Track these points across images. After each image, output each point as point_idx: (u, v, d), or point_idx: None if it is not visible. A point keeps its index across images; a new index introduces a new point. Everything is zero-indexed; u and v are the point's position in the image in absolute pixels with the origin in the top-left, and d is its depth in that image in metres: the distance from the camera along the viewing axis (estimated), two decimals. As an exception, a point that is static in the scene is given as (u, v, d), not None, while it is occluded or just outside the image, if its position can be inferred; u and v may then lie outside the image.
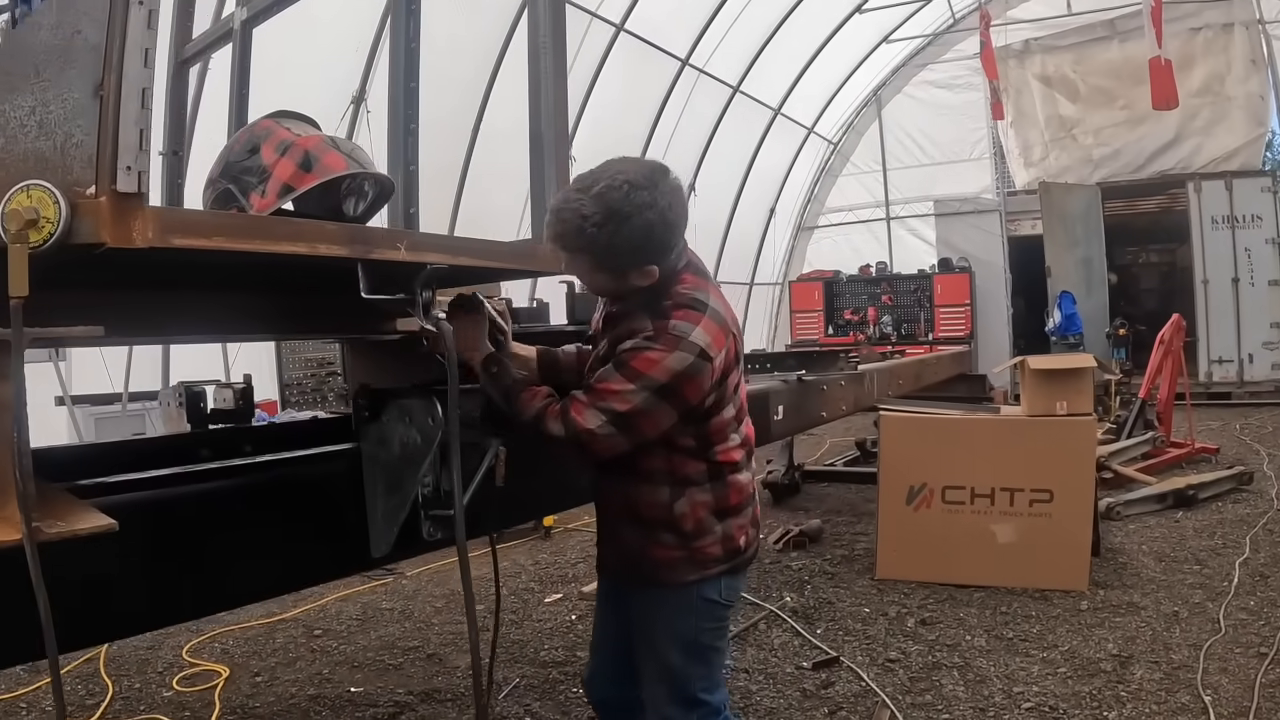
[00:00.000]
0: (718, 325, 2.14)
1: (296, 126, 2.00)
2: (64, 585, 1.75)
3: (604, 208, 2.00)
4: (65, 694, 4.21)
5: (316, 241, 1.59)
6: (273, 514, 2.29)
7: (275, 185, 1.86)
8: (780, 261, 18.57)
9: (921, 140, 17.15)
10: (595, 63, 11.56)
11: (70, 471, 2.31)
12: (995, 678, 4.05)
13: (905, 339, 16.49)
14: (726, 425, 2.27)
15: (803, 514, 7.49)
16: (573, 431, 2.08)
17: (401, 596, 5.83)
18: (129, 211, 1.38)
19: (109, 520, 1.51)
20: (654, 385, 2.05)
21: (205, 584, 2.13)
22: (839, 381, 6.36)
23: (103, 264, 1.61)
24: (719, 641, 2.43)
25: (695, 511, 2.26)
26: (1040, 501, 5.22)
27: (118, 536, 1.63)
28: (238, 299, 2.19)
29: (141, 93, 1.39)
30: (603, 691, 2.69)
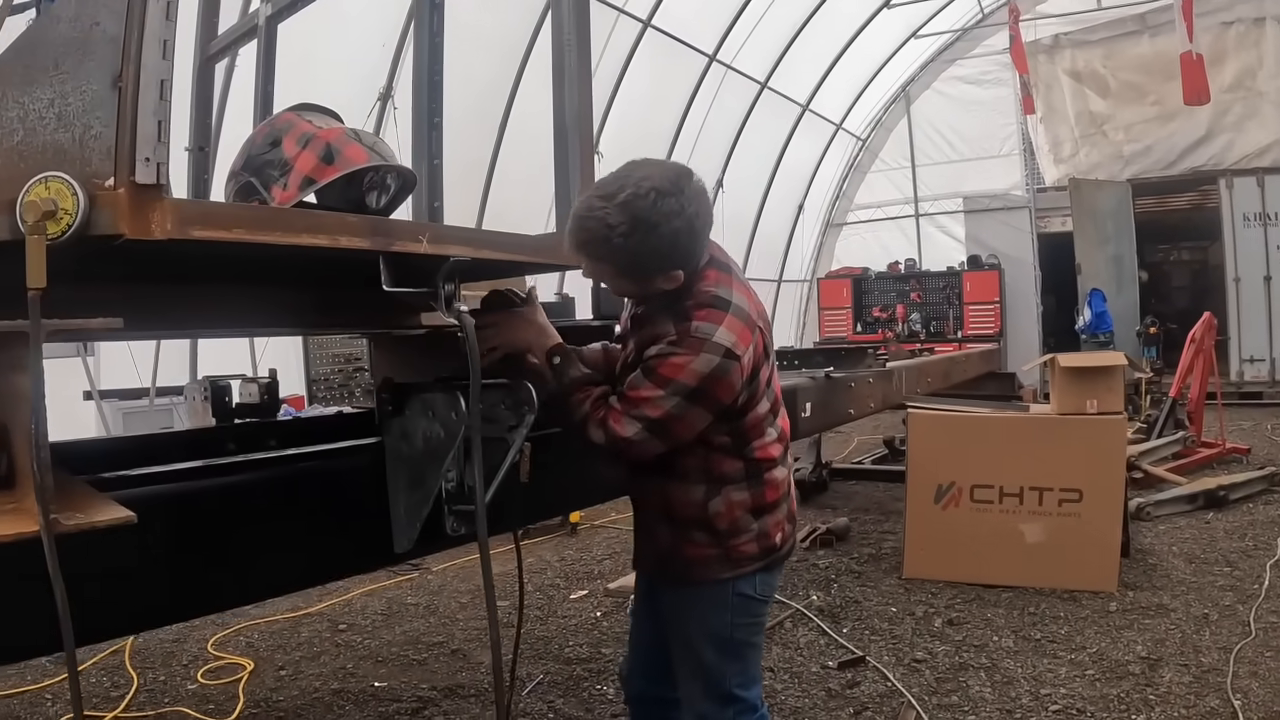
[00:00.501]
0: (742, 322, 2.11)
1: (318, 119, 1.99)
2: (85, 578, 1.77)
3: (630, 217, 1.97)
4: (90, 686, 4.30)
5: (337, 234, 1.57)
6: (295, 508, 2.27)
7: (297, 178, 1.85)
8: (808, 258, 18.50)
9: (950, 136, 17.01)
10: (622, 59, 11.55)
11: (94, 465, 2.32)
12: (1022, 679, 4.00)
13: (934, 336, 16.40)
14: (762, 420, 2.25)
15: (830, 512, 7.45)
16: (611, 439, 2.09)
17: (427, 592, 5.84)
18: (147, 203, 1.37)
19: (127, 513, 1.49)
20: (684, 390, 2.04)
21: (226, 578, 2.12)
22: (867, 379, 6.31)
23: (124, 257, 1.61)
24: (754, 637, 2.41)
25: (731, 511, 2.24)
26: (1069, 501, 5.15)
27: (138, 529, 1.62)
28: (260, 292, 2.18)
29: (160, 84, 1.38)
30: (639, 687, 2.67)
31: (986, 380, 10.91)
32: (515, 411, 2.23)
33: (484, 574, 1.97)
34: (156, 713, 4.06)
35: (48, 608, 1.48)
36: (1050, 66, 15.28)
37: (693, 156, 13.78)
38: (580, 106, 2.17)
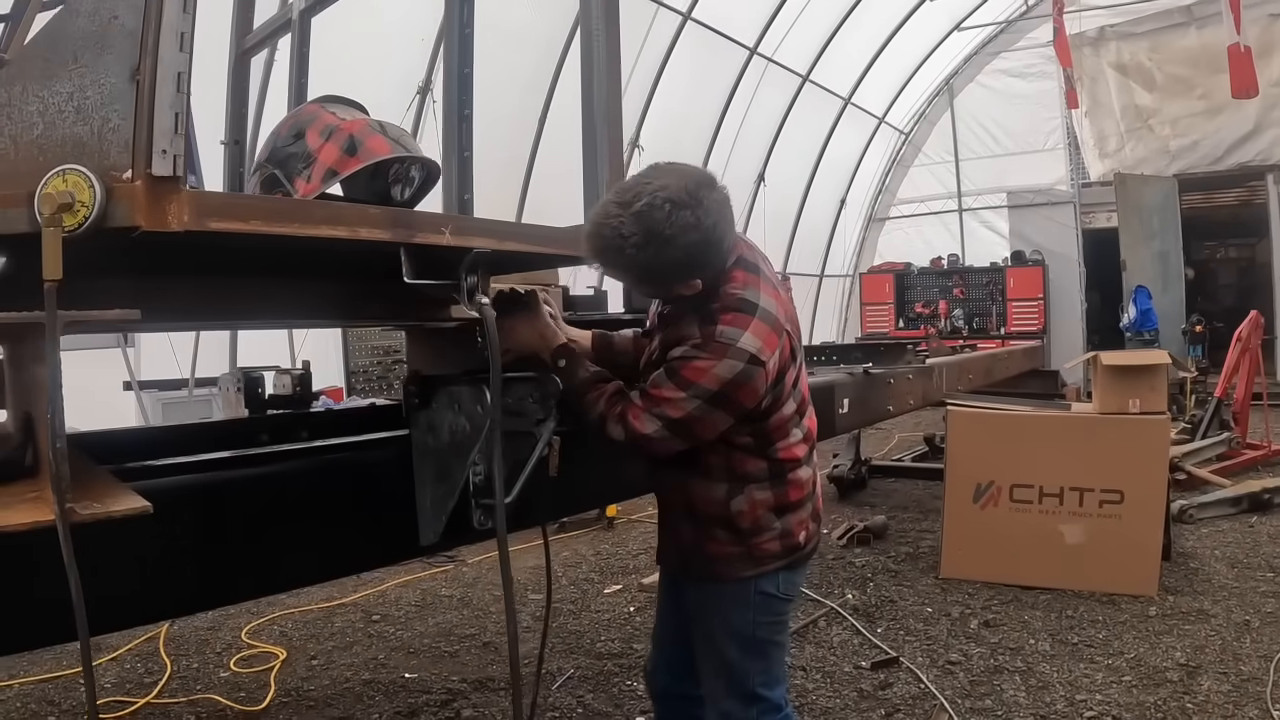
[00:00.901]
0: (768, 326, 2.07)
1: (342, 111, 1.99)
2: (109, 565, 1.79)
3: (644, 229, 1.93)
4: (124, 672, 4.36)
5: (357, 225, 1.57)
6: (321, 500, 2.28)
7: (320, 170, 1.85)
8: (851, 253, 18.35)
9: (994, 130, 16.76)
10: (662, 52, 11.50)
11: (123, 455, 2.34)
12: (1058, 684, 3.92)
13: (977, 333, 16.20)
14: (787, 421, 2.22)
15: (868, 510, 7.39)
16: (631, 436, 2.08)
17: (461, 584, 5.86)
18: (164, 195, 1.38)
19: (144, 503, 1.51)
20: (705, 394, 2.02)
21: (250, 568, 2.13)
22: (906, 375, 6.23)
23: (153, 250, 1.62)
24: (778, 636, 2.38)
25: (754, 510, 2.22)
26: (1110, 502, 5.04)
27: (163, 519, 1.65)
28: (291, 285, 2.17)
29: (177, 77, 1.38)
30: (663, 683, 2.66)
31: (1029, 378, 10.77)
32: (543, 405, 2.22)
33: (502, 569, 1.97)
34: (188, 699, 4.11)
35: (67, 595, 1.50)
36: (1095, 59, 14.98)
37: (733, 150, 13.72)
38: (609, 98, 2.15)
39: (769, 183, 14.77)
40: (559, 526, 7.13)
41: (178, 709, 4.02)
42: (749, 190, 14.70)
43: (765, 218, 14.71)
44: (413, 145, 2.01)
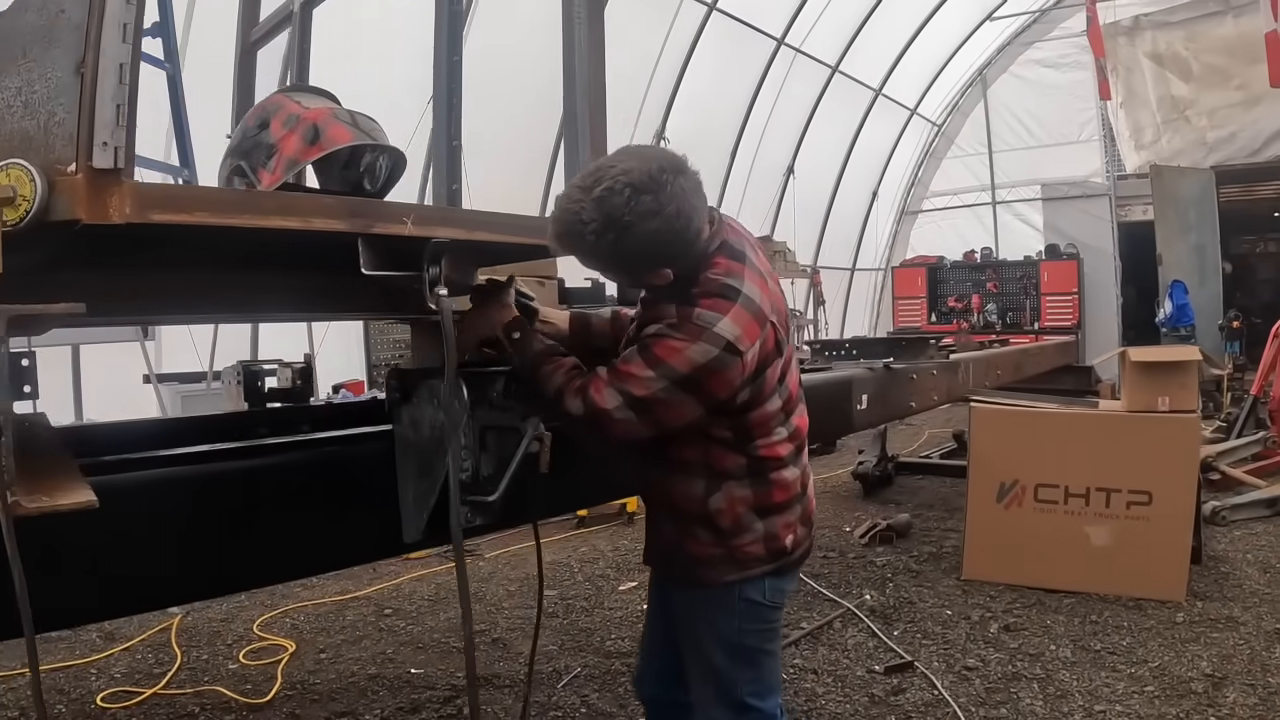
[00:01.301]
0: (750, 315, 1.97)
1: (307, 100, 1.94)
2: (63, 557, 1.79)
3: (603, 215, 1.85)
4: (135, 662, 4.36)
5: (310, 216, 1.51)
6: (306, 494, 2.23)
7: (281, 160, 1.81)
8: (883, 246, 18.19)
9: (1028, 121, 16.53)
10: (688, 43, 11.41)
11: (117, 448, 2.32)
12: (1077, 693, 3.79)
13: (1010, 328, 15.98)
14: (770, 419, 2.12)
15: (893, 507, 7.30)
16: (590, 410, 1.97)
17: (476, 578, 5.82)
18: (105, 188, 1.36)
19: (90, 496, 1.48)
20: (675, 375, 1.92)
21: (228, 561, 2.09)
22: (930, 371, 6.08)
23: (132, 244, 1.60)
24: (767, 644, 2.29)
25: (733, 508, 2.12)
26: (1138, 504, 4.90)
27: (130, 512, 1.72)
28: (272, 278, 2.12)
29: (119, 68, 1.36)
30: (651, 690, 2.59)
31: (1063, 374, 10.55)
32: (527, 399, 2.16)
33: (459, 574, 1.89)
34: (195, 690, 4.10)
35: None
36: (1130, 49, 14.66)
37: (762, 142, 13.61)
38: (592, 83, 2.08)
39: (798, 175, 14.66)
40: (578, 521, 7.09)
41: (183, 700, 4.01)
42: (778, 182, 14.60)
43: (795, 210, 14.61)
44: (378, 134, 1.95)
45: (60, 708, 3.94)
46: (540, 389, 2.06)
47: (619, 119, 10.41)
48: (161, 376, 7.08)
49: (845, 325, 16.93)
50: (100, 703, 3.97)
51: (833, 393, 4.82)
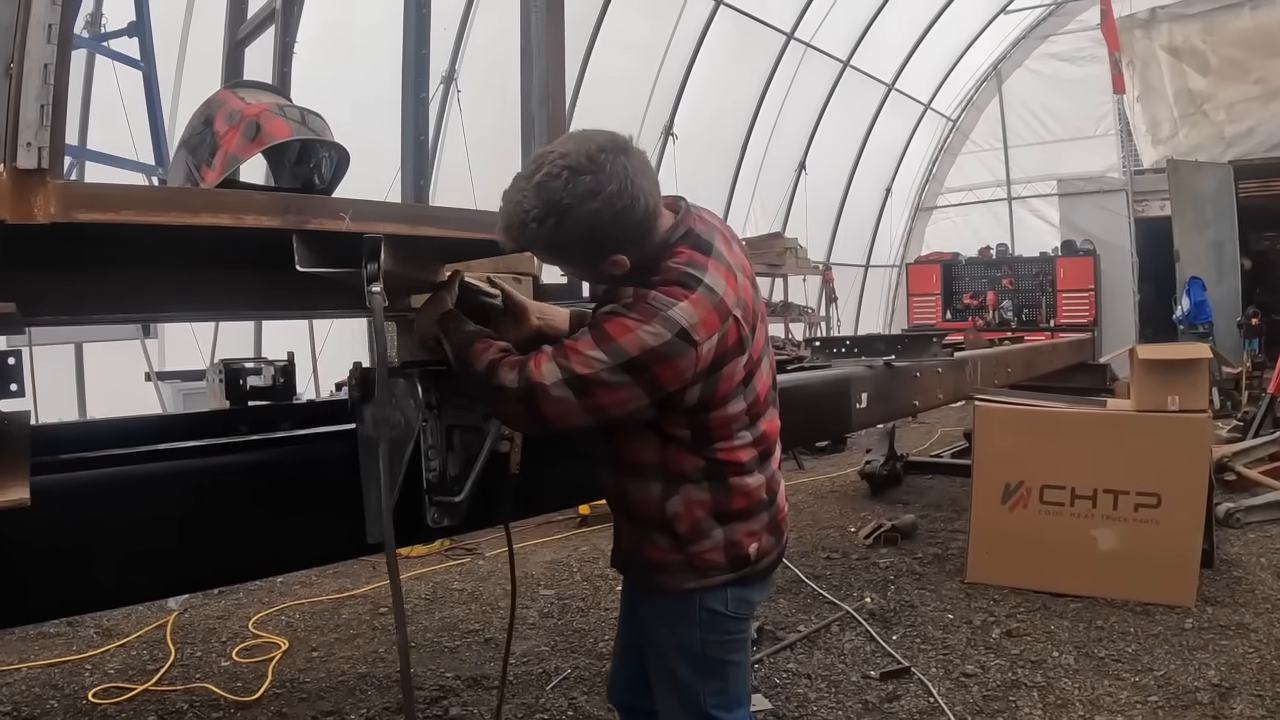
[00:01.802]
0: (710, 306, 1.88)
1: (250, 95, 1.90)
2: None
3: (543, 201, 1.78)
4: (130, 658, 4.37)
5: (241, 213, 1.48)
6: (263, 493, 2.18)
7: (222, 157, 1.76)
8: (897, 243, 18.08)
9: (1044, 116, 16.36)
10: (695, 38, 11.33)
11: (91, 447, 2.30)
12: (1077, 702, 3.70)
13: (1026, 325, 15.84)
14: (732, 421, 2.02)
15: (900, 507, 7.22)
16: (525, 381, 1.85)
17: (475, 578, 5.80)
18: (29, 188, 1.36)
19: (20, 495, 1.49)
20: (621, 356, 1.82)
21: (183, 560, 2.05)
22: (934, 369, 5.98)
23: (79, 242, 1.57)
24: (732, 655, 2.20)
25: (690, 511, 2.04)
26: (1146, 506, 4.80)
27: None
28: (230, 276, 2.08)
29: (44, 69, 1.36)
30: (622, 697, 2.54)
31: (1077, 372, 10.40)
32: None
33: (391, 579, 1.84)
34: (185, 688, 4.09)
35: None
36: (1147, 42, 14.46)
37: (772, 138, 13.53)
38: (550, 80, 2.01)
39: (810, 171, 14.57)
40: (580, 520, 7.04)
41: (173, 697, 4.00)
42: (790, 179, 14.52)
43: (807, 206, 14.54)
44: (320, 128, 1.90)
45: (52, 703, 3.95)
46: (471, 370, 1.95)
47: (624, 117, 10.38)
48: (162, 374, 7.08)
49: (859, 323, 16.84)
50: (92, 698, 3.97)
51: (830, 391, 4.75)
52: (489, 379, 1.90)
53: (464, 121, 8.72)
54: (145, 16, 6.57)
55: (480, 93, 8.68)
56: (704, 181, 12.40)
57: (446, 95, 8.73)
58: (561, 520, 7.01)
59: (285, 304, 2.25)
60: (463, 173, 8.23)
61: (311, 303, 2.18)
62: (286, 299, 2.21)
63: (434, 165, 8.76)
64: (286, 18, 3.16)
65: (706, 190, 12.45)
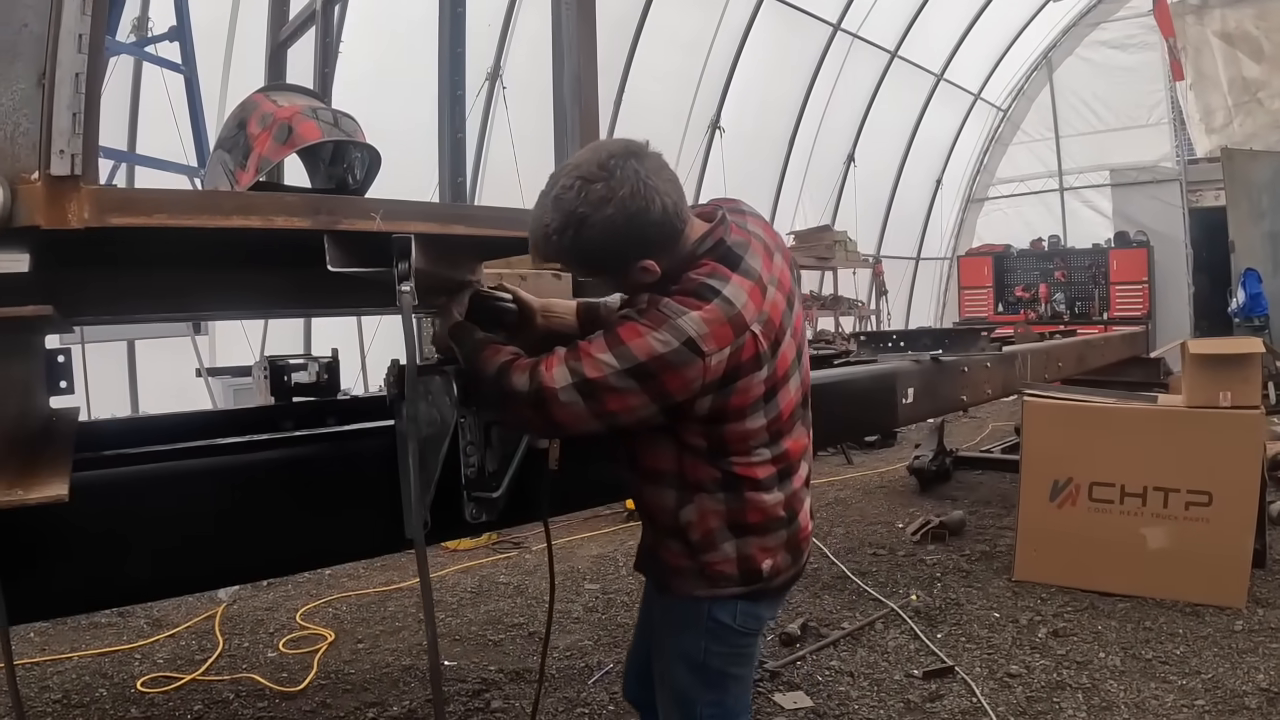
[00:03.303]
0: (724, 318, 1.84)
1: (283, 98, 1.93)
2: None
3: (561, 213, 1.79)
4: (179, 648, 4.44)
5: (272, 214, 1.50)
6: (301, 489, 2.22)
7: (255, 159, 1.79)
8: (948, 235, 17.89)
9: (1095, 105, 16.09)
10: (740, 31, 11.28)
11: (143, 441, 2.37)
12: (1123, 705, 3.63)
13: (1079, 318, 15.63)
14: (750, 437, 1.98)
15: (948, 504, 7.13)
16: (535, 384, 1.85)
17: (520, 571, 5.83)
18: (63, 194, 1.40)
19: (59, 491, 1.51)
20: (629, 361, 1.80)
21: (211, 556, 2.09)
22: (983, 363, 5.90)
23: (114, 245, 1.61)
24: (735, 669, 2.18)
25: (705, 520, 2.02)
26: (1197, 504, 4.69)
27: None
28: (264, 275, 2.11)
29: (75, 78, 1.40)
30: (634, 691, 2.55)
31: (1130, 366, 10.20)
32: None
33: (421, 577, 1.84)
34: (232, 678, 4.17)
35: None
36: (1199, 28, 14.08)
37: (820, 130, 13.45)
38: (582, 76, 2.01)
39: (859, 163, 14.46)
40: (627, 515, 7.05)
41: (220, 687, 4.08)
42: (838, 171, 14.42)
43: (856, 199, 14.43)
44: (352, 130, 1.92)
45: (101, 691, 4.04)
46: (483, 377, 1.96)
47: (670, 112, 10.35)
48: (213, 370, 7.22)
49: (910, 316, 16.68)
50: (140, 687, 4.05)
51: (876, 386, 4.71)
52: (500, 384, 1.90)
53: (509, 117, 8.78)
54: (186, 21, 6.69)
55: (525, 88, 8.72)
56: (752, 175, 12.36)
57: (492, 91, 8.79)
58: (608, 514, 7.02)
59: (320, 302, 2.29)
60: (509, 168, 8.28)
61: (347, 300, 2.22)
62: (321, 298, 2.24)
63: (481, 161, 8.83)
64: (326, 19, 3.20)
65: (754, 184, 12.42)
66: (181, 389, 7.00)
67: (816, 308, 12.98)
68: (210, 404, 6.74)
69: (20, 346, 1.90)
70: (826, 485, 8.07)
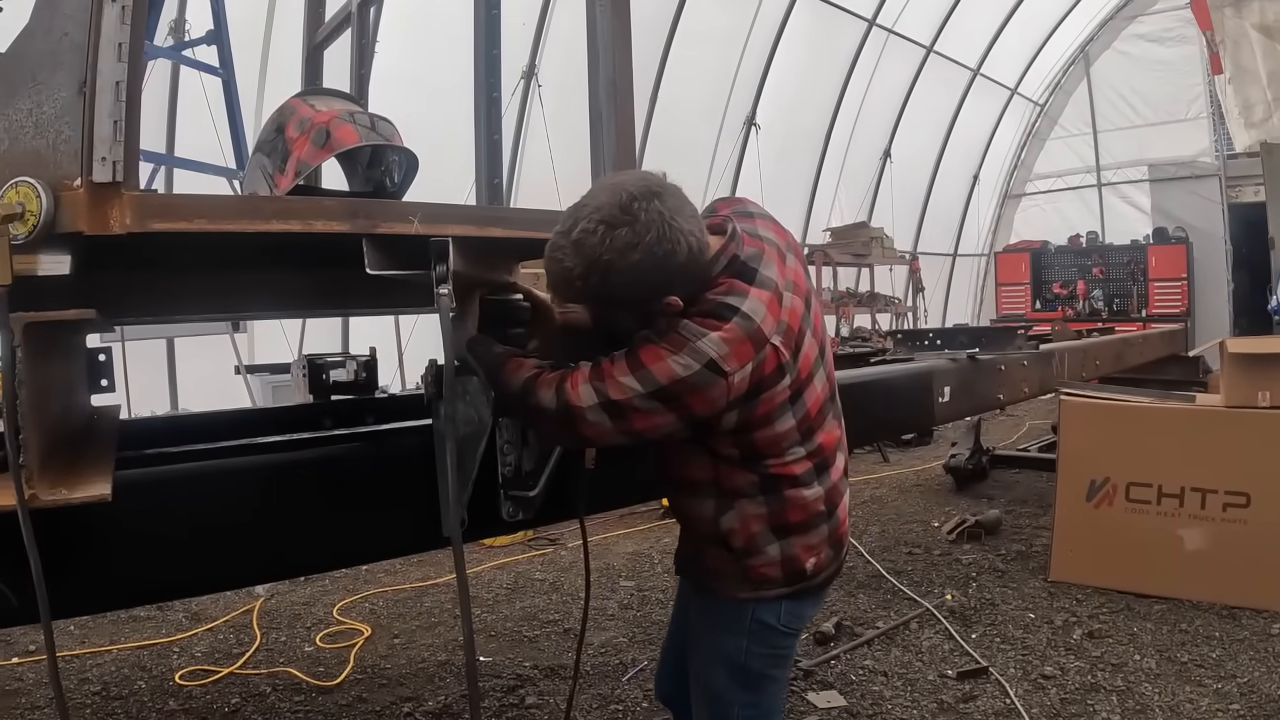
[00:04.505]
0: (744, 335, 1.84)
1: (320, 103, 1.96)
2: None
3: (583, 259, 1.77)
4: (216, 641, 4.49)
5: (310, 219, 1.53)
6: (338, 488, 2.26)
7: (293, 163, 1.83)
8: (985, 231, 17.76)
9: (1133, 99, 15.89)
10: (775, 28, 11.25)
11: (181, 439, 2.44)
12: (1157, 708, 3.60)
13: (1117, 315, 15.44)
14: (781, 439, 1.98)
15: (984, 503, 7.07)
16: (563, 403, 1.86)
17: (556, 568, 5.86)
18: (105, 200, 1.44)
19: (102, 491, 1.56)
20: (652, 385, 1.81)
21: (251, 551, 2.13)
22: (1020, 361, 5.86)
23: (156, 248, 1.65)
24: (773, 670, 2.18)
25: (746, 526, 2.02)
26: (1235, 506, 4.62)
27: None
28: (303, 276, 2.15)
29: (115, 86, 1.44)
30: (667, 691, 2.55)
31: (1169, 364, 10.09)
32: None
33: (459, 574, 1.86)
34: (269, 672, 4.22)
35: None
36: (1237, 21, 13.78)
37: (856, 126, 13.39)
38: (617, 77, 2.02)
39: (895, 159, 14.40)
40: (664, 512, 7.05)
41: (257, 680, 4.13)
42: (874, 167, 14.36)
43: (893, 195, 14.37)
44: (389, 134, 1.94)
45: (140, 683, 4.11)
46: (507, 391, 1.97)
47: (705, 108, 10.34)
48: (251, 368, 7.31)
49: (947, 313, 16.56)
50: (178, 680, 4.12)
51: (912, 385, 4.70)
52: (525, 399, 1.91)
53: (545, 116, 8.81)
54: (223, 24, 6.78)
55: (561, 87, 8.76)
56: (787, 171, 12.34)
57: (528, 90, 8.82)
58: (644, 511, 7.02)
59: (359, 303, 2.32)
60: (545, 166, 8.32)
61: (385, 301, 2.25)
62: (360, 298, 2.28)
63: (517, 160, 8.87)
64: (362, 20, 3.23)
65: (790, 180, 12.40)
66: (220, 386, 7.11)
67: (853, 305, 12.93)
68: (249, 401, 6.84)
69: (63, 347, 1.95)
70: (863, 483, 8.03)
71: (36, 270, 1.48)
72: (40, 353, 1.63)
